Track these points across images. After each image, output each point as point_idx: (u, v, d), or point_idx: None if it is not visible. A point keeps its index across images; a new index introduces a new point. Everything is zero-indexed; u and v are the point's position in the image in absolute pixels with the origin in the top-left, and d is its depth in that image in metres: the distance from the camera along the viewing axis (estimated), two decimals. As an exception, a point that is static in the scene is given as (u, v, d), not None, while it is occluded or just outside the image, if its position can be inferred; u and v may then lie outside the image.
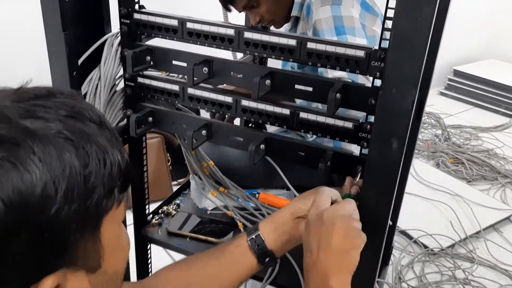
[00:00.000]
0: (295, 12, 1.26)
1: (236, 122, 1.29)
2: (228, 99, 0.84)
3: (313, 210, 0.69)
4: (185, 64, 0.83)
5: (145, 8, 0.85)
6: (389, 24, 0.63)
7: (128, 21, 0.84)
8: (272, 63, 1.02)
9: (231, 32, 0.78)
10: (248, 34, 0.77)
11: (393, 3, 0.61)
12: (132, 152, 1.03)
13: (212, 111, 0.96)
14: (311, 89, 0.76)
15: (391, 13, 0.62)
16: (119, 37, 0.87)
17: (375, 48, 0.69)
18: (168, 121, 0.90)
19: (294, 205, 0.76)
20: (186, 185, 1.26)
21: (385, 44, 0.65)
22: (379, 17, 1.21)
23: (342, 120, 0.77)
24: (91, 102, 0.87)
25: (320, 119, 0.78)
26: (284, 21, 1.32)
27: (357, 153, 0.79)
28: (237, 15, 1.30)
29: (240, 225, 1.07)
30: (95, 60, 0.87)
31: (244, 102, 0.83)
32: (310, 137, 1.10)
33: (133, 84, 0.90)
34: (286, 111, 0.80)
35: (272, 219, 0.78)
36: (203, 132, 0.86)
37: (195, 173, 1.09)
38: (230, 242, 0.78)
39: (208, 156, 1.07)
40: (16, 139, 0.38)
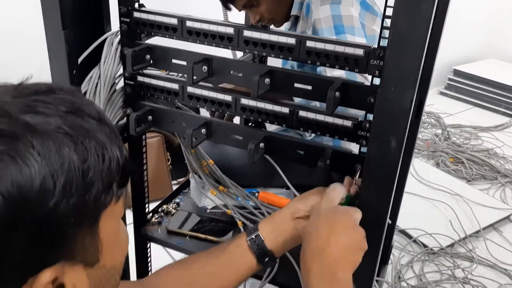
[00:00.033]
0: (294, 11, 1.26)
1: (235, 121, 1.30)
2: (228, 98, 0.84)
3: (326, 203, 0.70)
4: (184, 62, 0.83)
5: (145, 7, 0.85)
6: (388, 23, 0.63)
7: (128, 20, 0.84)
8: (272, 62, 1.02)
9: (230, 30, 0.78)
10: (247, 33, 0.77)
11: (392, 2, 0.61)
12: (132, 151, 1.03)
13: (212, 110, 0.97)
14: (310, 87, 0.76)
15: (390, 12, 0.62)
16: (119, 36, 0.87)
17: (374, 46, 0.69)
18: (168, 120, 0.91)
19: (294, 205, 0.77)
20: (186, 184, 1.26)
21: (384, 43, 0.65)
22: (378, 16, 1.21)
23: (341, 118, 0.77)
24: (91, 100, 0.88)
25: (319, 117, 0.78)
26: (284, 20, 1.32)
27: (356, 152, 0.79)
28: (237, 14, 1.31)
29: (239, 223, 1.07)
30: (95, 58, 0.87)
31: (244, 101, 0.83)
32: (308, 136, 1.10)
33: (132, 82, 0.90)
34: (286, 110, 0.80)
35: (272, 219, 0.78)
36: (203, 131, 0.86)
37: (195, 172, 1.09)
38: (229, 242, 0.78)
39: (207, 155, 1.07)
40: (15, 133, 0.38)
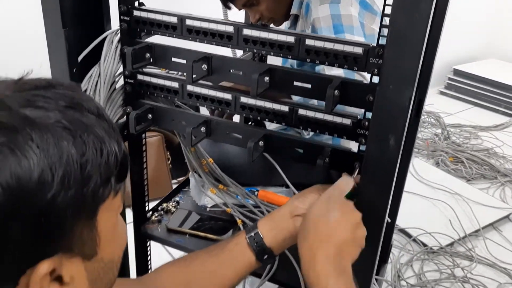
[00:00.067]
0: (294, 10, 1.26)
1: (235, 119, 1.30)
2: (227, 96, 0.84)
3: (337, 191, 0.71)
4: (184, 61, 0.84)
5: (144, 5, 0.85)
6: (387, 21, 0.63)
7: (128, 18, 0.85)
8: (272, 61, 1.02)
9: (230, 29, 0.78)
10: (247, 31, 0.77)
11: (391, 0, 0.61)
12: (132, 149, 1.04)
13: (212, 108, 0.97)
14: (309, 86, 0.77)
15: (389, 10, 0.62)
16: (119, 34, 0.87)
17: (373, 45, 0.69)
18: (168, 118, 0.91)
19: (293, 203, 0.77)
20: (186, 182, 1.26)
21: (384, 41, 0.65)
22: (378, 16, 1.21)
23: (340, 116, 0.77)
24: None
25: (319, 115, 0.78)
26: (283, 19, 1.33)
27: (355, 150, 0.79)
28: (236, 13, 1.31)
29: (239, 222, 1.07)
30: (95, 57, 0.87)
31: (243, 99, 0.83)
32: (306, 135, 1.11)
33: (132, 81, 0.90)
34: (285, 108, 0.80)
35: (271, 217, 0.78)
36: (202, 129, 0.86)
37: (195, 170, 1.09)
38: (229, 240, 0.78)
39: (207, 154, 1.07)
40: (15, 126, 0.39)
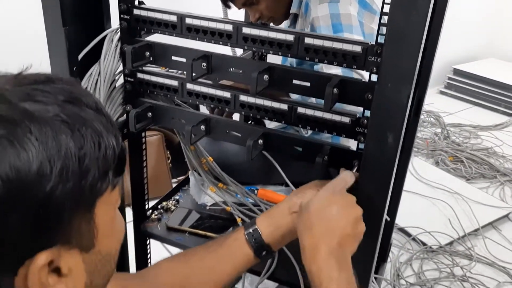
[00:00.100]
0: (294, 9, 1.27)
1: (235, 118, 1.30)
2: (227, 94, 0.84)
3: (339, 185, 0.71)
4: (184, 59, 0.84)
5: (144, 4, 0.86)
6: (386, 20, 0.63)
7: (128, 17, 0.85)
8: (272, 60, 1.02)
9: (229, 27, 0.78)
10: (246, 30, 0.77)
11: (389, -2, 0.62)
12: (132, 148, 1.04)
13: (211, 107, 0.97)
14: (308, 84, 0.77)
15: (388, 9, 0.62)
16: (119, 33, 0.87)
17: (371, 43, 0.70)
18: (167, 117, 0.91)
19: (291, 199, 0.77)
20: (186, 181, 1.26)
21: (383, 40, 0.65)
22: (377, 15, 1.21)
23: (339, 115, 0.77)
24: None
25: (318, 114, 0.79)
26: (283, 18, 1.33)
27: (354, 149, 0.80)
28: (236, 12, 1.31)
29: (239, 220, 1.07)
30: (95, 55, 0.87)
31: (243, 97, 0.83)
32: (305, 133, 1.11)
33: (132, 79, 0.90)
34: (284, 106, 0.81)
35: (269, 213, 0.79)
36: (202, 127, 0.86)
37: (194, 169, 1.10)
38: (228, 235, 0.79)
39: (207, 152, 1.08)
40: (14, 119, 0.39)
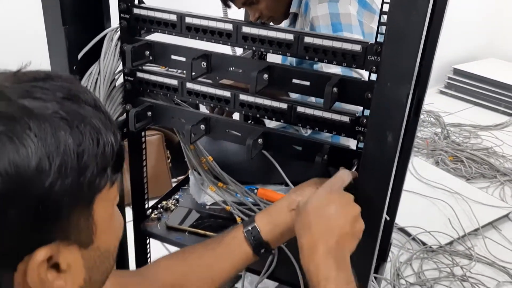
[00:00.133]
0: (293, 8, 1.27)
1: (235, 117, 1.30)
2: (227, 94, 0.84)
3: (337, 183, 0.71)
4: (183, 58, 0.84)
5: (144, 3, 0.86)
6: (385, 19, 0.63)
7: (128, 16, 0.85)
8: (272, 59, 1.03)
9: (229, 26, 0.78)
10: (246, 29, 0.77)
11: (389, -2, 0.62)
12: (132, 147, 1.04)
13: (211, 106, 0.97)
14: (308, 83, 0.77)
15: (387, 8, 0.62)
16: (119, 32, 0.88)
17: (371, 42, 0.70)
18: (167, 116, 0.91)
19: (290, 197, 0.78)
20: (185, 180, 1.26)
21: (382, 39, 0.65)
22: (376, 14, 1.21)
23: (338, 114, 0.77)
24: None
25: (317, 113, 0.79)
26: (283, 17, 1.33)
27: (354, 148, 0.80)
28: (236, 12, 1.31)
29: (238, 219, 1.07)
30: (94, 54, 0.88)
31: (242, 97, 0.83)
32: (304, 132, 1.11)
33: (132, 78, 0.90)
34: (284, 105, 0.81)
35: (268, 211, 0.79)
36: (202, 127, 0.86)
37: (194, 168, 1.10)
38: (226, 233, 0.79)
39: (207, 152, 1.08)
40: (13, 115, 0.40)
